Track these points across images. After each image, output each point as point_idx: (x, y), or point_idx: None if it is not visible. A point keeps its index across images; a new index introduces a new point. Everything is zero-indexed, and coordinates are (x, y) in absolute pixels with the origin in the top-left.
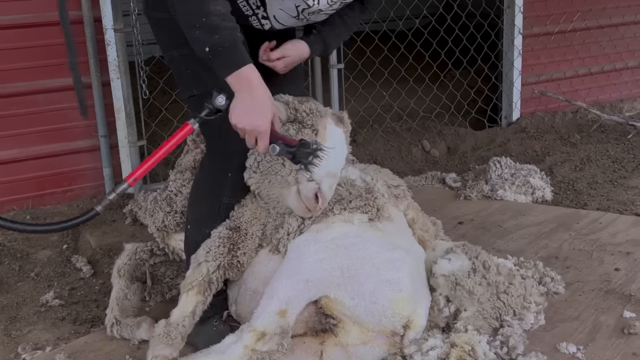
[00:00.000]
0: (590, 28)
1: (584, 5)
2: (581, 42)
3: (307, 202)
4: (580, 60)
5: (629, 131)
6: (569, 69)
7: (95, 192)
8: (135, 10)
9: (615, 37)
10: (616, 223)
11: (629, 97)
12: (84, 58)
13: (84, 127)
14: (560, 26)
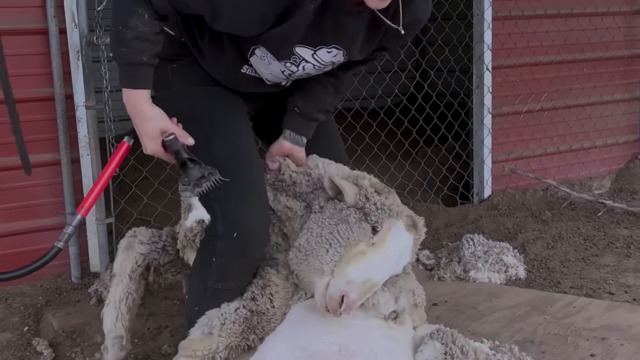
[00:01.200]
0: (557, 108)
1: (550, 86)
2: (549, 121)
3: (329, 301)
4: (549, 139)
5: (599, 209)
6: (538, 147)
7: (61, 272)
8: (107, 88)
9: (582, 116)
10: (590, 307)
11: (597, 175)
12: (53, 135)
13: (50, 205)
14: (528, 106)
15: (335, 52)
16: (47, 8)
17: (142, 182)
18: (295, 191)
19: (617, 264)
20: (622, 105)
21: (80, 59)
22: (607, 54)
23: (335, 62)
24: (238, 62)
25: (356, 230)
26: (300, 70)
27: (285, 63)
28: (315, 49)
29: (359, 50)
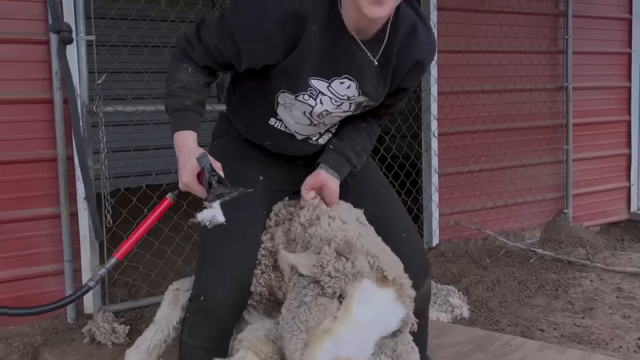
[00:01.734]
0: (494, 169)
1: (488, 151)
2: (487, 180)
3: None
4: (487, 196)
5: (531, 256)
6: (478, 203)
7: (57, 313)
8: (104, 150)
9: (515, 176)
10: (524, 347)
11: (529, 227)
12: (55, 191)
13: (50, 253)
14: (469, 167)
15: (349, 84)
16: (53, 81)
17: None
18: (291, 250)
19: (547, 305)
20: (548, 167)
21: (81, 125)
22: (535, 124)
23: (350, 97)
24: (266, 114)
25: (314, 309)
26: (318, 104)
27: (303, 96)
28: (330, 81)
29: (373, 86)
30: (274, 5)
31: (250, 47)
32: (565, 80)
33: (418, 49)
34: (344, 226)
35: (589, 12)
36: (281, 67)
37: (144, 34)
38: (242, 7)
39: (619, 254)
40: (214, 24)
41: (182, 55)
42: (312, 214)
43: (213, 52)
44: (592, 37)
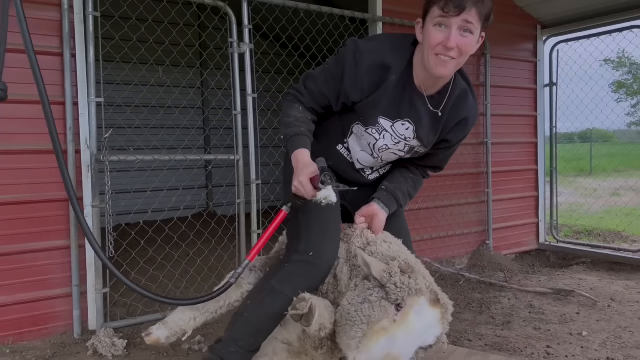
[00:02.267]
0: (430, 208)
1: (425, 193)
2: (425, 217)
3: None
4: (425, 229)
5: (460, 279)
6: (417, 235)
7: (66, 330)
8: (109, 191)
9: (447, 214)
10: (455, 354)
11: (458, 255)
12: (66, 226)
13: (60, 279)
14: (410, 206)
15: (408, 126)
16: (67, 135)
17: (132, 261)
18: (352, 264)
19: (473, 319)
20: (473, 206)
21: (90, 171)
22: (462, 171)
23: (407, 137)
24: (337, 140)
25: (377, 308)
26: (381, 139)
27: (371, 129)
28: (394, 121)
29: (426, 132)
30: (367, 57)
31: (346, 89)
32: (485, 137)
33: (466, 109)
34: (400, 250)
35: (503, 83)
36: (362, 104)
37: (145, 97)
38: (341, 61)
39: (530, 277)
40: (318, 74)
41: (293, 99)
42: (362, 240)
43: (317, 96)
44: (506, 102)
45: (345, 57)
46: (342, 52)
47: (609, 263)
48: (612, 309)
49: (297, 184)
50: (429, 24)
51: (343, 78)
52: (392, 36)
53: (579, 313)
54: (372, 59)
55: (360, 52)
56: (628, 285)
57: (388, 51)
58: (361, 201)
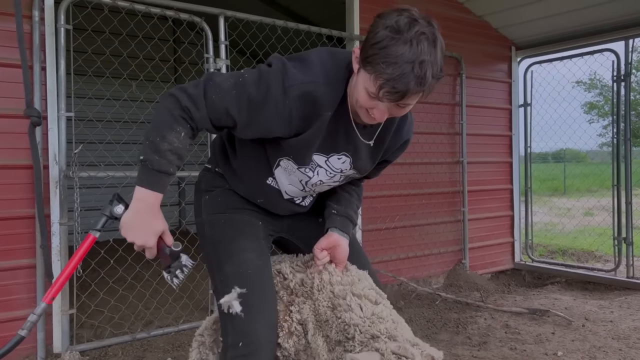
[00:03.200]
0: (406, 226)
1: (401, 211)
2: (401, 235)
3: None
4: (401, 248)
5: (437, 299)
6: (393, 254)
7: (29, 353)
8: (78, 208)
9: (423, 233)
10: None
11: (435, 274)
12: (32, 245)
13: (25, 299)
14: (386, 224)
15: (344, 159)
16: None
17: (100, 281)
18: (326, 333)
19: (450, 339)
20: (449, 225)
21: (58, 187)
22: (437, 190)
23: (343, 170)
24: (265, 174)
25: None
26: (315, 176)
27: (305, 169)
28: (328, 156)
29: (364, 162)
30: (297, 87)
31: (269, 120)
32: (461, 156)
33: (405, 132)
34: (377, 310)
35: (479, 102)
36: (292, 142)
37: (117, 112)
38: (264, 81)
39: (506, 297)
40: (227, 87)
41: (179, 116)
42: (326, 294)
43: (220, 113)
44: (482, 122)
45: (270, 78)
46: (266, 71)
47: (583, 282)
48: (587, 329)
49: (139, 243)
50: (361, 78)
51: (265, 105)
52: (325, 62)
53: (554, 333)
54: (304, 90)
55: (291, 78)
56: (601, 305)
57: (322, 84)
58: (301, 228)
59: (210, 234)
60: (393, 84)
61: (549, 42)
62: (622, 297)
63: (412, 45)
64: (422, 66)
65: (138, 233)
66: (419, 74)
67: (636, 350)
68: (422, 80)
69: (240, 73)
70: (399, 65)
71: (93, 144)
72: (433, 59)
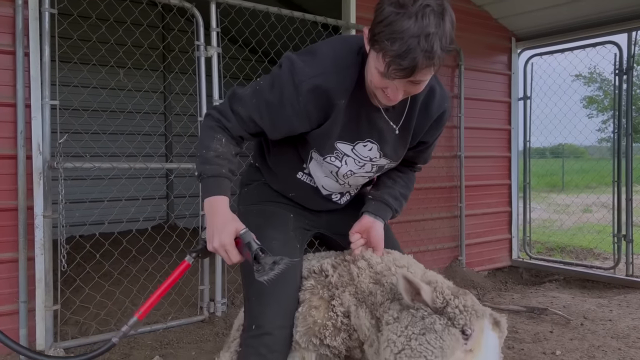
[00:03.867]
0: (402, 222)
1: None
2: (397, 231)
3: None
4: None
5: None
6: None
7: (10, 350)
8: (62, 201)
9: (419, 228)
10: None
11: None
12: (14, 238)
13: (7, 295)
14: None
15: (371, 146)
16: (18, 139)
17: (85, 276)
18: (371, 302)
19: None
20: (446, 221)
21: (42, 179)
22: (435, 185)
23: (372, 158)
24: (296, 168)
25: (447, 337)
26: (343, 165)
27: (330, 158)
28: (354, 144)
29: (394, 148)
30: (308, 81)
31: (288, 120)
32: (459, 150)
33: (435, 108)
34: (428, 274)
35: (478, 95)
36: (312, 135)
37: (103, 100)
38: (277, 84)
39: (503, 295)
40: (247, 97)
41: (216, 126)
42: (368, 273)
43: (247, 122)
44: (480, 115)
45: (282, 80)
46: (277, 74)
47: (581, 280)
48: (585, 327)
49: (217, 245)
50: (372, 59)
51: (282, 107)
52: (334, 51)
53: (552, 331)
54: (313, 84)
55: (300, 74)
56: (600, 303)
57: (332, 73)
58: (341, 226)
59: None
60: (400, 60)
61: (550, 34)
62: (621, 295)
63: (417, 19)
64: (429, 39)
65: (214, 238)
66: (425, 47)
67: (635, 349)
68: (430, 53)
69: (257, 81)
70: (405, 41)
71: (79, 133)
72: (441, 31)
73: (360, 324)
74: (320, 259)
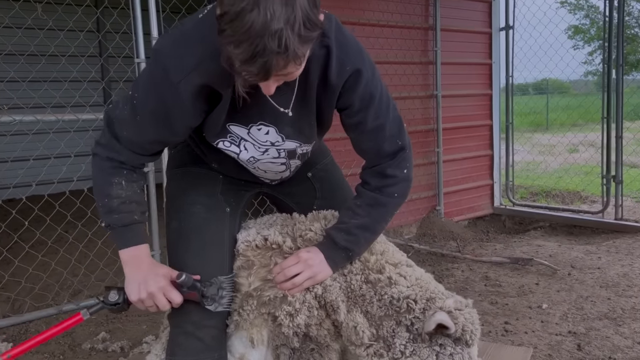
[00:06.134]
0: None
1: None
2: None
3: None
4: None
5: (409, 251)
6: None
7: None
8: None
9: None
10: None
11: (406, 223)
12: None
13: None
14: (352, 170)
15: (267, 129)
16: None
17: (14, 246)
18: (365, 308)
19: None
20: (422, 169)
21: None
22: (409, 129)
23: (274, 142)
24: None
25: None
26: (243, 151)
27: (224, 142)
28: (248, 127)
29: (297, 130)
30: (183, 80)
31: (181, 121)
32: (435, 89)
33: (335, 78)
34: (417, 274)
35: (455, 25)
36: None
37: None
38: (154, 89)
39: (485, 245)
40: (129, 117)
41: (109, 167)
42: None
43: (142, 144)
44: (458, 49)
45: (157, 82)
46: (150, 75)
47: (568, 226)
48: (573, 277)
49: (154, 290)
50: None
51: (170, 111)
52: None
53: (537, 283)
54: (192, 83)
55: (174, 71)
56: (588, 250)
57: (209, 61)
58: (287, 184)
59: (166, 189)
60: (248, 67)
61: None
62: (610, 240)
63: (259, 10)
64: (277, 36)
65: (146, 285)
66: (274, 48)
67: (626, 298)
68: (283, 52)
69: (130, 95)
70: (250, 43)
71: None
72: (292, 19)
73: (355, 324)
74: (265, 227)
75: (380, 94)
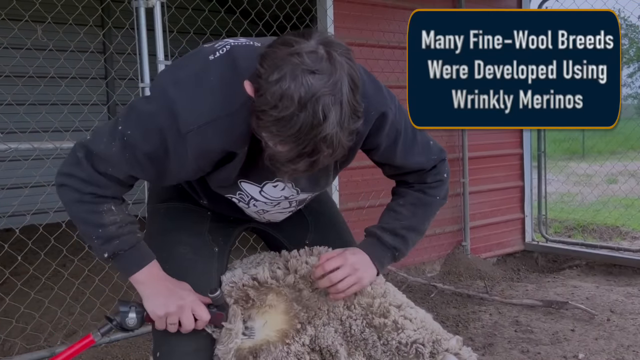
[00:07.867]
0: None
1: (388, 184)
2: None
3: None
4: None
5: (432, 291)
6: None
7: None
8: None
9: None
10: None
11: (429, 260)
12: None
13: None
14: (369, 201)
15: (283, 186)
16: None
17: (6, 282)
18: (368, 353)
19: None
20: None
21: None
22: None
23: (287, 196)
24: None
25: None
26: (252, 206)
27: (232, 198)
28: (262, 186)
29: (313, 182)
30: (193, 132)
31: (176, 171)
32: None
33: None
34: (420, 315)
35: None
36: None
37: (18, 64)
38: (154, 131)
39: (515, 286)
40: (116, 154)
41: (92, 201)
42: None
43: (126, 180)
44: None
45: (160, 126)
46: (151, 114)
47: (607, 265)
48: (612, 323)
49: (181, 304)
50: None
51: (167, 158)
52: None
53: (573, 330)
54: (204, 138)
55: (183, 122)
56: (629, 293)
57: (225, 116)
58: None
59: (148, 226)
60: (294, 166)
61: None
62: None
63: (307, 112)
64: (329, 140)
65: (177, 297)
66: (324, 150)
67: None
68: (333, 152)
69: (120, 130)
70: (297, 144)
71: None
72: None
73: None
74: (252, 267)
75: (405, 126)
